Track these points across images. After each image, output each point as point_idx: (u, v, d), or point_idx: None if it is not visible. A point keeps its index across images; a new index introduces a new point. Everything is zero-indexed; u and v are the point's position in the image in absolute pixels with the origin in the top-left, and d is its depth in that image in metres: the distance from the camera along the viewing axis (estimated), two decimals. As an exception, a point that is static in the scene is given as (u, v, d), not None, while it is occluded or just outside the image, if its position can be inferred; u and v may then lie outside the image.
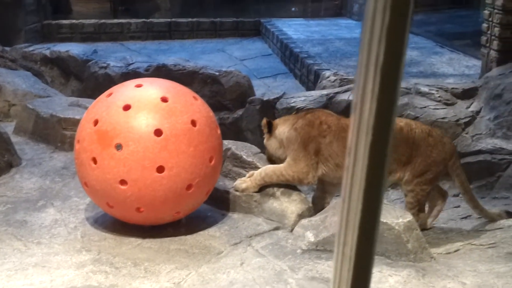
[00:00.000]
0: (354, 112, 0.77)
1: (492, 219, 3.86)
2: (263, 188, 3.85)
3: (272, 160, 4.02)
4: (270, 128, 3.96)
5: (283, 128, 3.91)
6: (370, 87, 0.74)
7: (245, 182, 3.91)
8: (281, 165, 3.83)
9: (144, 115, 3.45)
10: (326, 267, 3.23)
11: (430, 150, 3.76)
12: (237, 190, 3.92)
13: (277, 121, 4.03)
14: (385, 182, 0.81)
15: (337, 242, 0.82)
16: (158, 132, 3.43)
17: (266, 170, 3.84)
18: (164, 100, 3.51)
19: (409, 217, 3.39)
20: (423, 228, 3.74)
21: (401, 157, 3.77)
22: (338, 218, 0.82)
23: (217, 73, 5.94)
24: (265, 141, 4.04)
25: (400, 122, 3.88)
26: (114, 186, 3.42)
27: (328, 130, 3.78)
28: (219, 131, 3.75)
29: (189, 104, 3.61)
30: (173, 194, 3.47)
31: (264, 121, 4.02)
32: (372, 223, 0.79)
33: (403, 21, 0.74)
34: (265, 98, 5.31)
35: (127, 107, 3.47)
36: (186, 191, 3.50)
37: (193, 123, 3.53)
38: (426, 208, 3.93)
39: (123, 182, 3.41)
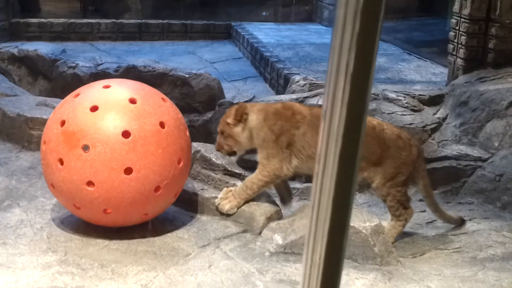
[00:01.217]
0: (324, 119, 0.77)
1: (450, 222, 3.93)
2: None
3: (230, 152, 3.84)
4: (244, 117, 3.74)
5: (254, 117, 3.76)
6: (340, 94, 0.74)
7: (228, 201, 3.80)
8: (256, 172, 3.76)
9: (112, 116, 3.43)
10: (294, 270, 3.25)
11: (399, 152, 3.78)
12: (221, 212, 3.80)
13: (247, 107, 3.83)
14: (355, 190, 0.81)
15: (306, 249, 0.82)
16: (126, 134, 3.40)
17: (246, 183, 3.76)
18: (132, 101, 3.50)
19: (376, 221, 3.43)
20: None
21: (372, 156, 3.75)
22: (307, 225, 0.83)
23: (187, 75, 5.92)
24: (233, 129, 3.77)
25: (372, 121, 3.89)
26: (81, 188, 3.39)
27: (302, 120, 3.71)
28: (187, 133, 3.74)
29: (158, 106, 3.60)
30: (141, 196, 3.45)
31: (240, 106, 3.76)
32: (341, 231, 0.79)
33: (374, 29, 0.75)
34: (235, 101, 5.32)
35: (94, 108, 3.44)
36: (154, 193, 3.48)
37: (162, 125, 3.51)
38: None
39: (90, 183, 3.38)
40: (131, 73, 5.70)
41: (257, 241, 3.55)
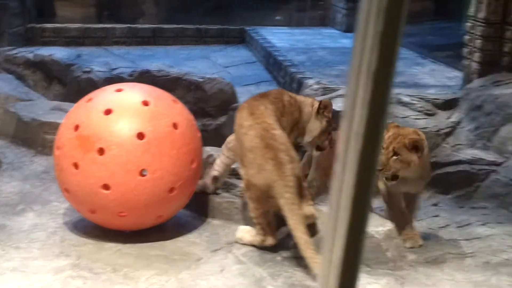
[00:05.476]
0: (344, 119, 0.77)
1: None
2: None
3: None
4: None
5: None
6: (361, 93, 0.74)
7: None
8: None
9: (126, 119, 3.45)
10: (306, 274, 3.24)
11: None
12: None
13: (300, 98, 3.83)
14: (373, 190, 0.81)
15: (325, 249, 0.82)
16: (140, 136, 3.43)
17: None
18: (145, 103, 3.52)
19: (389, 225, 3.42)
20: None
21: None
22: (326, 225, 0.82)
23: (200, 80, 5.94)
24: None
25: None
26: (97, 191, 3.41)
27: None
28: (199, 134, 3.76)
29: (170, 107, 3.63)
30: (156, 198, 3.47)
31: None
32: (360, 231, 0.79)
33: (396, 28, 0.74)
34: (248, 106, 5.32)
35: (108, 112, 3.47)
36: (168, 194, 3.50)
37: (175, 126, 3.54)
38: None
39: (105, 186, 3.40)
40: (145, 77, 5.73)
41: (269, 246, 3.55)
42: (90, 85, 5.60)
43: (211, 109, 5.92)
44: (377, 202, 4.29)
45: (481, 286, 3.18)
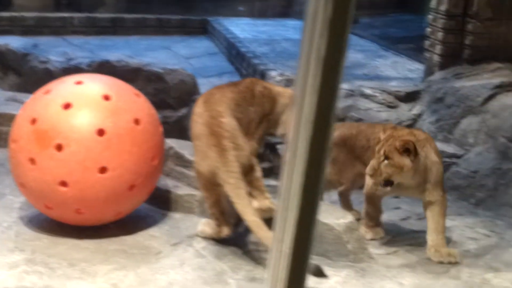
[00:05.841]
0: (295, 106, 0.74)
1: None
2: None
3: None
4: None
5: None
6: (311, 81, 0.71)
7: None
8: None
9: (86, 114, 3.35)
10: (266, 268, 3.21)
11: None
12: None
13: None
14: (324, 177, 0.78)
15: (274, 239, 0.79)
16: (100, 132, 3.33)
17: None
18: (106, 98, 3.42)
19: (350, 218, 3.41)
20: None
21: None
22: (276, 215, 0.79)
23: (161, 71, 5.86)
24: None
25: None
26: (54, 188, 3.31)
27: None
28: (161, 129, 3.69)
29: (132, 102, 3.53)
30: (115, 195, 3.39)
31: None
32: (310, 220, 0.76)
33: (345, 15, 0.72)
34: (210, 97, 5.27)
35: (67, 106, 3.36)
36: (128, 192, 3.43)
37: (136, 121, 3.45)
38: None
39: (63, 183, 3.30)
40: (104, 68, 5.62)
41: (230, 239, 3.51)
42: (47, 76, 5.47)
43: (172, 100, 5.85)
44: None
45: (441, 277, 3.20)
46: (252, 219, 3.09)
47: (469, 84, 4.97)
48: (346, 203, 3.94)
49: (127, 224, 3.63)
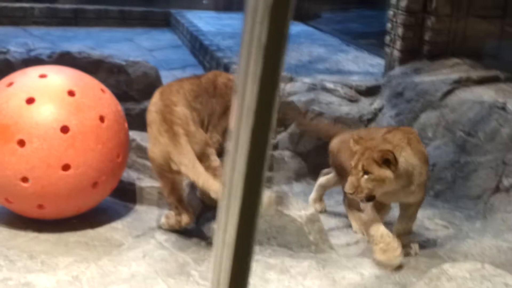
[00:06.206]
0: (237, 95, 0.74)
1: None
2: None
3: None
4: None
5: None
6: (252, 69, 0.71)
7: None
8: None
9: (50, 110, 3.30)
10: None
11: None
12: None
13: None
14: (267, 167, 0.79)
15: (218, 229, 0.79)
16: (64, 129, 3.30)
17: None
18: (71, 93, 3.38)
19: (311, 210, 3.45)
20: None
21: None
22: (220, 204, 0.80)
23: (124, 63, 5.79)
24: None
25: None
26: (15, 183, 3.27)
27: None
28: (126, 125, 3.67)
29: (98, 99, 3.49)
30: (78, 192, 3.36)
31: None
32: (253, 209, 0.77)
33: (286, 1, 0.72)
34: (172, 90, 5.25)
35: (31, 100, 3.31)
36: (91, 189, 3.40)
37: (102, 119, 3.42)
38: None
39: (24, 179, 3.27)
40: (65, 59, 5.53)
41: (193, 231, 3.52)
42: (6, 67, 5.36)
43: (134, 93, 5.79)
44: (301, 187, 4.33)
45: (401, 267, 3.25)
46: (214, 183, 3.08)
47: (428, 79, 5.06)
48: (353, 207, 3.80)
49: (88, 217, 3.61)
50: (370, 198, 3.07)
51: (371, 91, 5.33)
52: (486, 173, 4.10)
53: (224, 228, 0.79)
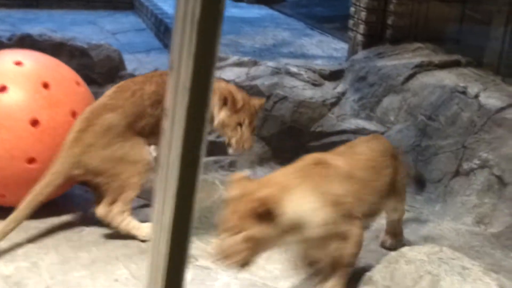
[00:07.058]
0: (171, 72, 0.73)
1: None
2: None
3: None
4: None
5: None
6: (187, 46, 0.70)
7: None
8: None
9: (21, 101, 3.23)
10: (198, 243, 3.23)
11: None
12: None
13: None
14: (204, 146, 0.78)
15: (155, 212, 0.78)
16: (34, 123, 3.24)
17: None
18: (45, 85, 3.30)
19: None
20: None
21: None
22: (156, 187, 0.79)
23: (86, 46, 5.71)
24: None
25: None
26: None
27: None
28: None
29: (72, 93, 3.43)
30: None
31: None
32: (190, 190, 0.76)
33: None
34: (136, 73, 5.19)
35: (3, 88, 3.23)
36: None
37: (73, 114, 3.36)
38: None
39: (-13, 167, 3.21)
40: (26, 42, 5.43)
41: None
42: (-36, 49, 5.24)
43: (97, 76, 5.72)
44: (264, 171, 4.34)
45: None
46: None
47: (391, 63, 5.10)
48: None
49: (50, 203, 3.57)
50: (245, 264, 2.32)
51: (334, 75, 5.35)
52: (447, 156, 4.16)
53: (161, 210, 0.78)
